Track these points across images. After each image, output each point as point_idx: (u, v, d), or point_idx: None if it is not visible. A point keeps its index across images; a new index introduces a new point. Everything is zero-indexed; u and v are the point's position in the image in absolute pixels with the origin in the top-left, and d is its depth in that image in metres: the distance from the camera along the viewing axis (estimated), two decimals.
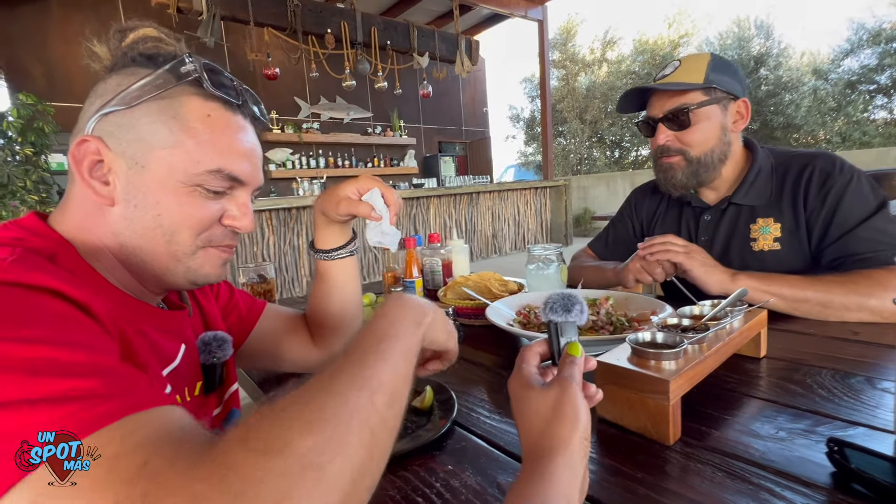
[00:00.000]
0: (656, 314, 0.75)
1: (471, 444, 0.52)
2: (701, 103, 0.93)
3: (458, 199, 5.99)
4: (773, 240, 0.95)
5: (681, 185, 1.01)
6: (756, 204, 0.97)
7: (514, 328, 0.77)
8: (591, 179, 9.18)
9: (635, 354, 0.52)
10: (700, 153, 0.96)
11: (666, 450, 0.47)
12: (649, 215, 1.20)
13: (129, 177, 0.45)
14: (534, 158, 16.05)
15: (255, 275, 0.99)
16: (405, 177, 8.00)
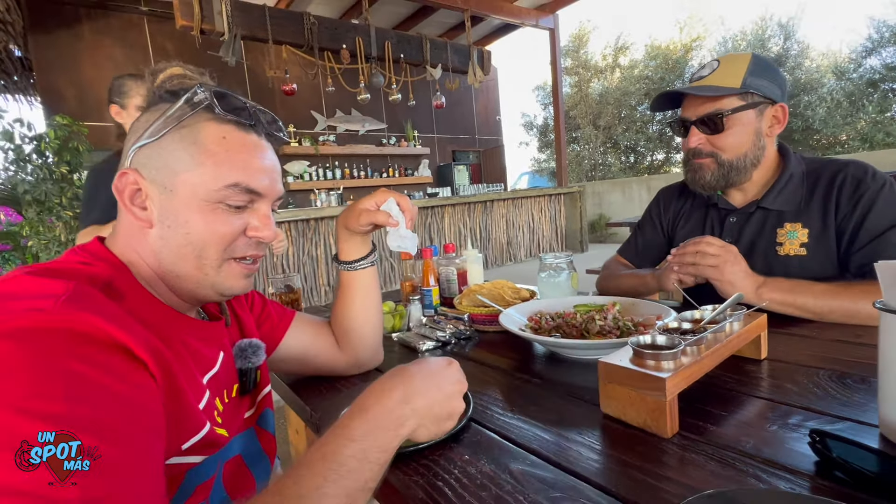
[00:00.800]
0: (661, 319, 0.79)
1: (485, 437, 0.57)
2: (736, 108, 0.92)
3: (473, 208, 6.05)
4: (800, 245, 0.95)
5: (709, 186, 1.01)
6: (785, 209, 0.97)
7: (526, 333, 0.82)
8: (605, 185, 9.14)
9: (636, 355, 0.56)
10: (732, 157, 0.96)
11: (664, 442, 0.51)
12: (675, 215, 1.21)
13: (161, 201, 0.50)
14: (547, 165, 16.05)
15: (283, 285, 1.06)
16: (419, 186, 8.11)
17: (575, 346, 0.77)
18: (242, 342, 0.62)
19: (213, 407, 0.53)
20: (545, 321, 0.85)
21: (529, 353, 0.87)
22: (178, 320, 0.52)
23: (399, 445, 0.47)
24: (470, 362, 0.85)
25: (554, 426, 0.58)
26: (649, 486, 0.45)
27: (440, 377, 0.52)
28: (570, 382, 0.71)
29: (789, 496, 0.40)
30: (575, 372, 0.75)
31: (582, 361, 0.78)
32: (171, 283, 0.53)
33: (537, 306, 0.96)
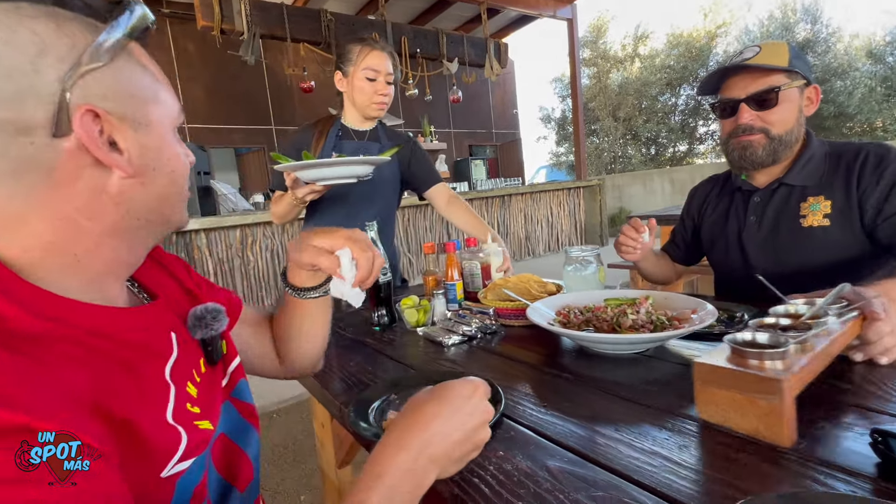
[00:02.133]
0: (696, 313, 0.76)
1: (519, 433, 0.55)
2: (786, 85, 0.97)
3: (490, 202, 6.01)
4: (823, 216, 0.98)
5: (759, 161, 1.02)
6: (807, 184, 1.01)
7: (555, 327, 0.80)
8: (626, 178, 8.97)
9: (736, 355, 0.51)
10: (782, 131, 0.99)
11: (780, 451, 0.47)
12: (701, 205, 1.25)
13: (139, 140, 0.40)
14: (566, 158, 15.83)
15: None
16: None
17: (607, 342, 0.75)
18: (197, 309, 0.51)
19: (184, 400, 0.43)
20: (574, 315, 0.83)
21: (557, 347, 0.85)
22: (112, 318, 0.40)
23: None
24: (497, 357, 0.84)
25: (589, 422, 0.56)
26: (697, 484, 0.43)
27: (462, 414, 0.46)
28: (601, 377, 0.69)
29: (851, 499, 0.38)
30: (605, 367, 0.73)
31: (612, 356, 0.76)
32: (128, 244, 0.42)
33: (565, 300, 0.94)
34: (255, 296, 3.87)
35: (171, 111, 0.44)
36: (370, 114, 1.47)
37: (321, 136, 1.46)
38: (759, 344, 0.53)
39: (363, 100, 1.44)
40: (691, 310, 0.80)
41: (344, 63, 1.43)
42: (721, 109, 1.05)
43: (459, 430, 0.45)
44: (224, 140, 6.16)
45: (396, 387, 0.72)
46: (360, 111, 1.48)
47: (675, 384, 0.64)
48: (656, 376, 0.68)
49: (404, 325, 1.09)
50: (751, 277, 1.11)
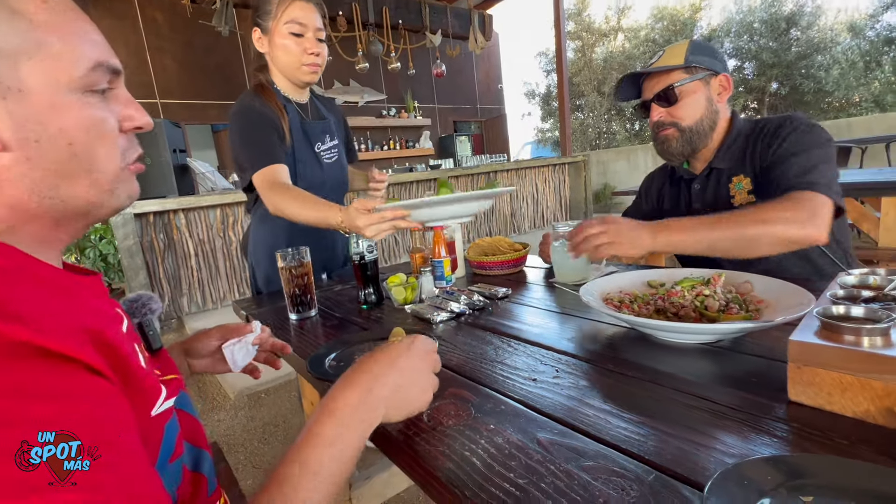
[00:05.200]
0: (750, 284, 0.75)
1: (510, 407, 0.56)
2: (684, 81, 1.06)
3: (476, 180, 5.97)
4: (748, 192, 1.06)
5: (677, 153, 1.11)
6: (730, 165, 1.08)
7: (630, 317, 0.69)
8: (610, 154, 8.98)
9: (832, 330, 0.48)
10: (691, 123, 1.08)
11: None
12: (657, 196, 1.32)
13: (11, 110, 0.35)
14: (551, 135, 15.76)
15: (293, 258, 1.05)
16: (421, 158, 8.00)
17: (704, 332, 0.65)
18: (127, 298, 0.53)
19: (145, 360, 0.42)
20: (637, 303, 0.77)
21: (549, 322, 0.86)
22: (68, 277, 0.39)
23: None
24: (487, 332, 0.84)
25: (577, 394, 0.57)
26: (684, 453, 0.44)
27: (404, 358, 0.52)
28: (592, 349, 0.70)
29: (850, 465, 0.39)
30: (595, 339, 0.74)
31: (676, 345, 0.68)
32: (47, 220, 0.39)
33: (599, 285, 0.86)
34: (238, 276, 3.81)
35: (69, 67, 0.36)
36: (301, 78, 1.26)
37: (282, 115, 1.25)
38: (856, 318, 0.50)
39: (289, 61, 1.22)
40: (745, 281, 0.77)
41: (262, 17, 1.21)
42: (640, 111, 1.16)
43: (401, 373, 0.50)
44: (199, 116, 5.94)
45: (346, 344, 0.83)
46: (289, 76, 1.26)
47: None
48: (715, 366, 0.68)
49: (392, 303, 1.08)
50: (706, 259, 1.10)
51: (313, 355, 0.77)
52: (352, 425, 0.45)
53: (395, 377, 0.50)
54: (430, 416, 0.55)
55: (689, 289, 0.74)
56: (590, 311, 0.88)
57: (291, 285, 1.04)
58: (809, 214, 0.83)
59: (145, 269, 3.36)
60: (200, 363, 0.73)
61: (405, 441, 0.51)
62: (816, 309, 0.53)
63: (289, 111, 1.28)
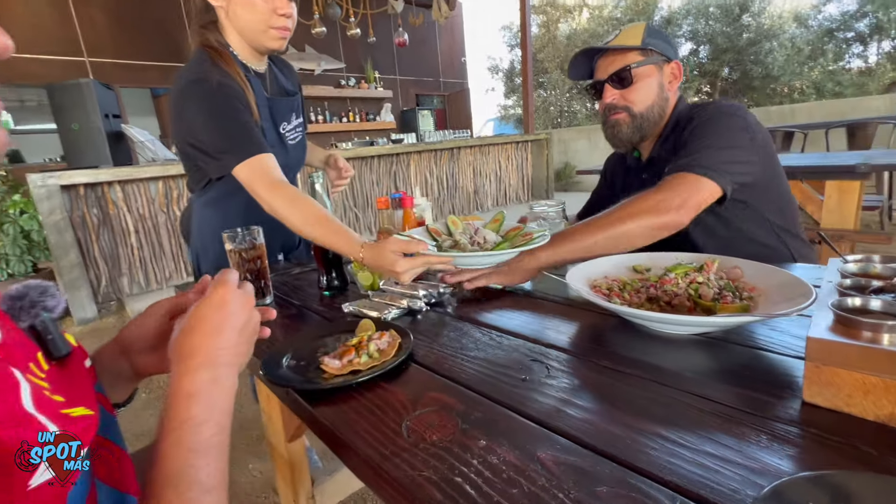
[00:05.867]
0: (740, 270, 0.70)
1: (501, 416, 0.49)
2: (640, 63, 1.02)
3: (439, 155, 5.84)
4: None
5: (626, 139, 1.07)
6: (667, 155, 1.02)
7: (621, 307, 0.64)
8: (571, 133, 9.05)
9: (849, 325, 0.44)
10: (642, 108, 1.04)
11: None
12: (611, 179, 1.30)
13: None
14: (514, 112, 15.69)
15: (245, 239, 0.92)
16: (382, 132, 7.73)
17: (704, 325, 0.60)
18: (13, 289, 0.39)
19: (38, 391, 0.30)
20: (628, 292, 0.72)
21: (531, 310, 0.80)
22: None
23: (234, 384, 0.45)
24: (465, 323, 0.76)
25: (574, 397, 0.51)
26: (706, 471, 0.38)
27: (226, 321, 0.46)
28: (581, 342, 0.64)
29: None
30: (583, 330, 0.69)
31: (669, 336, 0.63)
32: None
33: (583, 270, 0.81)
34: (186, 255, 3.54)
35: None
36: (266, 44, 1.03)
37: (247, 89, 1.04)
38: (875, 313, 0.46)
39: (254, 21, 0.99)
40: (734, 266, 0.73)
41: None
42: (592, 91, 1.10)
43: (233, 332, 0.46)
44: (137, 79, 5.40)
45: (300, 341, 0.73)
46: (251, 39, 1.04)
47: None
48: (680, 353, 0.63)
49: (358, 289, 0.99)
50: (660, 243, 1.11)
51: (268, 355, 0.67)
52: (215, 399, 0.42)
53: (231, 338, 0.46)
54: (410, 428, 0.47)
55: (683, 276, 0.69)
56: (572, 297, 0.83)
57: (242, 270, 0.92)
58: (677, 197, 0.84)
59: (77, 247, 3.05)
60: (149, 360, 0.54)
61: (382, 464, 0.43)
62: (831, 301, 0.49)
63: (253, 85, 1.07)
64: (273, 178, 0.96)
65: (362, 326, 0.72)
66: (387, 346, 0.65)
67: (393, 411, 0.51)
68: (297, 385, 0.58)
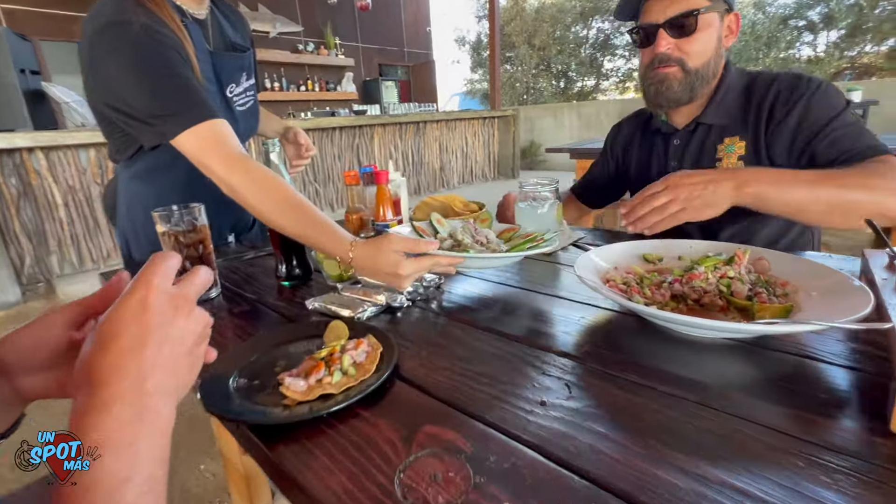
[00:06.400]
0: (764, 261, 0.61)
1: (524, 458, 0.38)
2: (707, 8, 0.87)
3: (404, 129, 5.60)
4: (737, 158, 0.92)
5: (674, 98, 0.93)
6: (724, 123, 0.93)
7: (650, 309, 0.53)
8: (537, 110, 8.97)
9: None
10: (699, 64, 0.90)
11: None
12: (624, 148, 1.17)
13: None
14: (480, 86, 15.40)
15: (182, 221, 0.75)
16: (344, 103, 7.33)
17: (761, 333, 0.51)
18: None
19: None
20: (633, 284, 0.63)
21: (530, 307, 0.69)
22: None
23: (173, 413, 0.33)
24: (458, 324, 0.64)
25: (607, 428, 0.41)
26: None
27: (169, 339, 0.33)
28: (597, 348, 0.54)
29: None
30: (595, 331, 0.58)
31: (697, 339, 0.54)
32: None
33: (592, 261, 0.71)
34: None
35: None
36: None
37: (184, 39, 0.86)
38: None
39: None
40: (759, 258, 0.64)
41: None
42: (639, 36, 0.95)
43: (162, 346, 0.33)
44: (62, 31, 4.77)
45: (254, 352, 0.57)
46: None
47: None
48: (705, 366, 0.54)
49: (324, 279, 0.84)
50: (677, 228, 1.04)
51: (210, 373, 0.51)
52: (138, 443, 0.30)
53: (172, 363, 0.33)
54: (407, 486, 0.35)
55: (712, 269, 0.60)
56: (572, 289, 0.72)
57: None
58: None
59: None
60: (39, 383, 0.40)
61: None
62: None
63: (192, 34, 0.87)
64: (230, 149, 0.77)
65: (333, 331, 0.59)
66: (365, 359, 0.52)
67: (380, 456, 0.39)
68: (249, 418, 0.44)
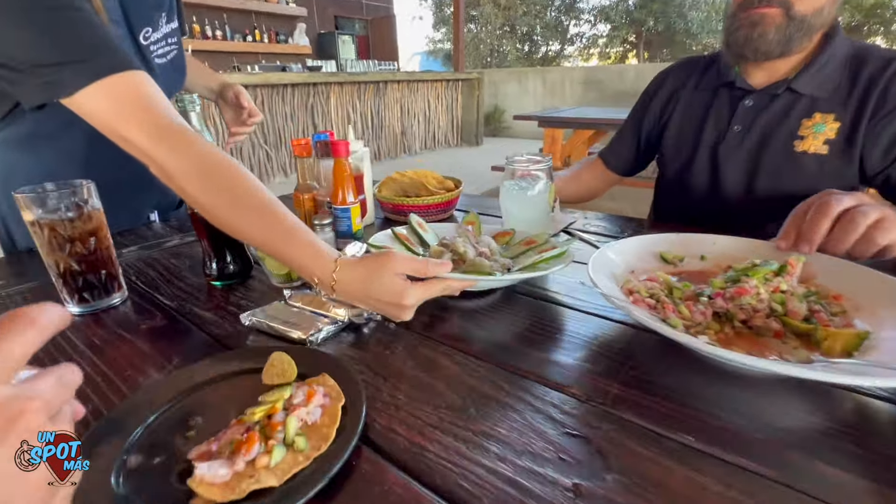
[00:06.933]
0: (794, 266, 0.49)
1: None
2: None
3: (363, 89, 5.23)
4: (824, 141, 0.77)
5: (765, 49, 0.77)
6: (819, 95, 0.78)
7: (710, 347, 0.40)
8: (502, 74, 8.68)
9: None
10: (809, 9, 0.73)
11: None
12: (668, 98, 0.96)
13: None
14: (442, 46, 14.76)
15: (62, 206, 0.55)
16: (296, 57, 6.75)
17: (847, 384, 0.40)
18: None
19: None
20: (663, 297, 0.49)
21: (528, 317, 0.55)
22: None
23: None
24: (439, 344, 0.50)
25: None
26: None
27: None
28: (630, 391, 0.42)
29: None
30: (615, 355, 0.46)
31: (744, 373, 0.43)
32: None
33: (607, 264, 0.57)
34: None
35: None
36: None
37: None
38: None
39: None
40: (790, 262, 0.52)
41: None
42: None
43: None
44: None
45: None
46: None
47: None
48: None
49: (266, 277, 0.67)
50: (711, 201, 0.93)
51: (89, 443, 0.34)
52: None
53: None
54: None
55: (763, 282, 0.48)
56: (576, 292, 0.59)
57: (61, 256, 0.55)
58: None
59: None
60: None
61: None
62: None
63: None
64: (159, 114, 0.55)
65: (274, 366, 0.43)
66: (321, 417, 0.37)
67: None
68: None
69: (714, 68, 0.90)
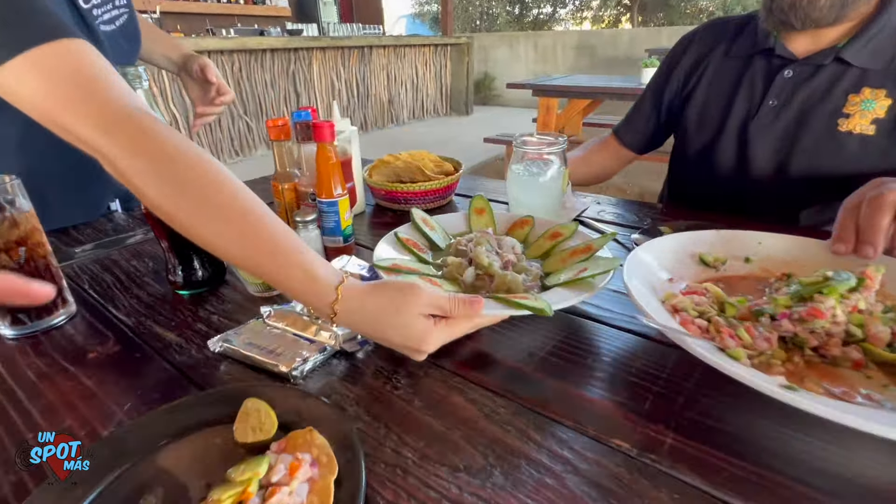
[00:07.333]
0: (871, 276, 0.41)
1: None
2: None
3: (347, 55, 4.96)
4: (871, 121, 0.68)
5: (816, 16, 0.67)
6: (871, 67, 0.68)
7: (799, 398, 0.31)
8: (492, 38, 8.34)
9: None
10: None
11: None
12: (693, 65, 0.86)
13: None
14: (430, 8, 14.11)
15: None
16: (275, 20, 6.36)
17: None
18: None
19: None
20: (714, 316, 0.41)
21: (550, 348, 0.47)
22: None
23: None
24: (459, 384, 0.42)
25: None
26: None
27: None
28: (686, 450, 0.34)
29: None
30: (658, 403, 0.38)
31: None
32: None
33: (641, 268, 0.49)
34: None
35: None
36: None
37: None
38: None
39: None
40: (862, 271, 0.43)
41: None
42: None
43: None
44: None
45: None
46: None
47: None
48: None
49: (240, 284, 0.57)
50: (736, 182, 0.85)
51: None
52: None
53: None
54: None
55: (838, 300, 0.40)
56: (600, 296, 0.52)
57: None
58: None
59: None
60: None
61: None
62: None
63: None
64: (106, 96, 0.42)
65: (249, 417, 0.34)
66: (308, 496, 0.29)
67: None
68: None
69: (747, 33, 0.79)
